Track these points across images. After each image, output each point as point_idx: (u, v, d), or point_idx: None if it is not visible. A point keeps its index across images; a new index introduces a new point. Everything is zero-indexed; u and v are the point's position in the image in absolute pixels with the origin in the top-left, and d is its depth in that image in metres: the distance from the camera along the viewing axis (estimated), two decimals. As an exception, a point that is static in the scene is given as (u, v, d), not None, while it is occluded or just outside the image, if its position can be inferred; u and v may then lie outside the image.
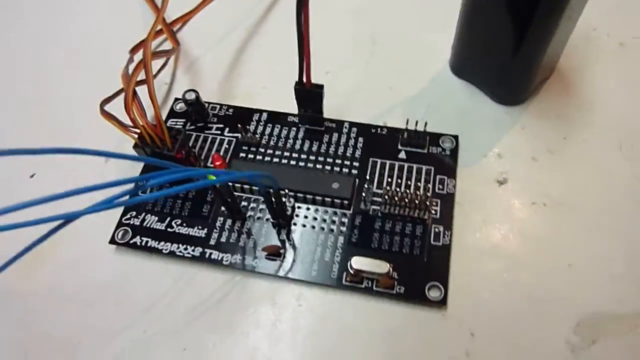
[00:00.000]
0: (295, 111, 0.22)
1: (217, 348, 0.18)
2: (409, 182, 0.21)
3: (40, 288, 0.20)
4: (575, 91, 0.24)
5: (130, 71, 0.20)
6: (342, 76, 0.25)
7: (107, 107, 0.21)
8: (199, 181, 0.16)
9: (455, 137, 0.22)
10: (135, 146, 0.20)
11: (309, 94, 0.21)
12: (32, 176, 0.23)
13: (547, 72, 0.23)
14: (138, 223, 0.21)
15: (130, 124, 0.20)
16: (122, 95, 0.20)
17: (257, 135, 0.23)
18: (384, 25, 0.27)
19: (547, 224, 0.20)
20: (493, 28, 0.21)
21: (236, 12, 0.28)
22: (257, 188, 0.20)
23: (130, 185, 0.16)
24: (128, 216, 0.21)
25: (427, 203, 0.20)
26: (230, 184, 0.20)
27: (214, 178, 0.15)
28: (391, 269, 0.19)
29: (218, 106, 0.24)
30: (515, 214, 0.21)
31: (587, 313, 0.18)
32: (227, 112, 0.24)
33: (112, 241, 0.20)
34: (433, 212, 0.20)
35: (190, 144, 0.23)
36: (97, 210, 0.14)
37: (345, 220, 0.20)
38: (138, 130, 0.20)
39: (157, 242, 0.20)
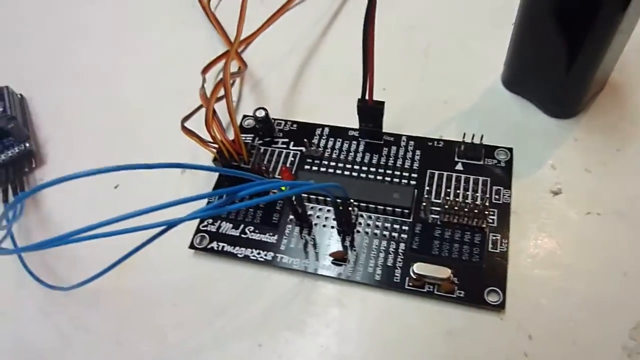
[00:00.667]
0: (355, 125, 0.24)
1: (290, 345, 0.20)
2: (466, 193, 0.22)
3: (132, 288, 0.23)
4: (628, 104, 0.25)
5: (207, 91, 0.22)
6: (398, 92, 0.26)
7: (186, 124, 0.23)
8: (282, 192, 0.18)
9: (510, 150, 0.23)
10: (214, 160, 0.22)
11: (371, 110, 0.23)
12: (116, 187, 0.26)
13: (599, 85, 0.24)
14: (214, 229, 0.23)
15: (210, 139, 0.22)
16: (200, 112, 0.22)
17: (320, 149, 0.24)
18: (436, 40, 0.29)
19: (601, 233, 0.21)
20: (546, 43, 0.22)
21: (296, 32, 0.30)
22: (327, 197, 0.22)
23: (218, 196, 0.18)
24: (205, 223, 0.23)
25: (485, 212, 0.21)
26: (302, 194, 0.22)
27: (292, 189, 0.17)
28: (452, 275, 0.20)
29: (283, 122, 0.26)
30: (569, 224, 0.21)
31: (644, 319, 0.19)
32: (291, 127, 0.26)
33: (192, 246, 0.23)
34: (490, 220, 0.21)
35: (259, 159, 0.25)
36: (196, 217, 0.16)
37: (405, 228, 0.22)
38: (216, 145, 0.22)
39: (232, 247, 0.22)
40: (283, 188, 0.18)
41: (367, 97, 0.22)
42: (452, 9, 0.30)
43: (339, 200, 0.20)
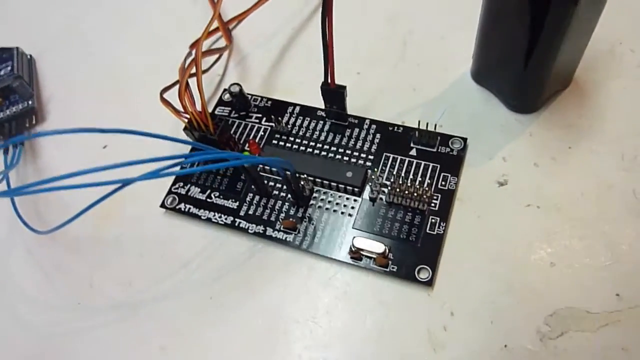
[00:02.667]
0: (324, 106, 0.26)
1: (237, 301, 0.22)
2: (415, 177, 0.24)
3: (107, 237, 0.25)
4: (590, 104, 0.25)
5: (186, 65, 0.24)
6: (371, 76, 0.28)
7: (166, 95, 0.25)
8: (230, 161, 0.20)
9: (464, 139, 0.24)
10: (185, 129, 0.24)
11: (334, 94, 0.24)
12: (104, 147, 0.28)
13: (561, 83, 0.25)
14: (184, 192, 0.25)
15: (182, 110, 0.24)
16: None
17: (288, 126, 0.26)
18: (417, 29, 0.30)
19: (537, 224, 0.22)
20: (506, 38, 0.23)
21: (285, 13, 0.32)
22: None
23: (176, 161, 0.20)
24: (176, 186, 0.25)
25: (429, 197, 0.22)
26: (259, 166, 0.24)
27: (238, 160, 0.19)
28: (387, 250, 0.22)
29: (259, 98, 0.28)
30: (508, 213, 0.23)
31: (561, 308, 0.20)
32: (266, 104, 0.27)
33: (162, 205, 0.25)
34: (432, 205, 0.23)
35: (232, 131, 0.27)
36: (147, 179, 0.18)
37: (355, 205, 0.23)
38: (188, 116, 0.24)
39: (197, 209, 0.25)
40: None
41: (329, 81, 0.24)
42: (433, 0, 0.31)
43: (288, 174, 0.22)
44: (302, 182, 0.23)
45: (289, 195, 0.24)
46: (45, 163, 0.28)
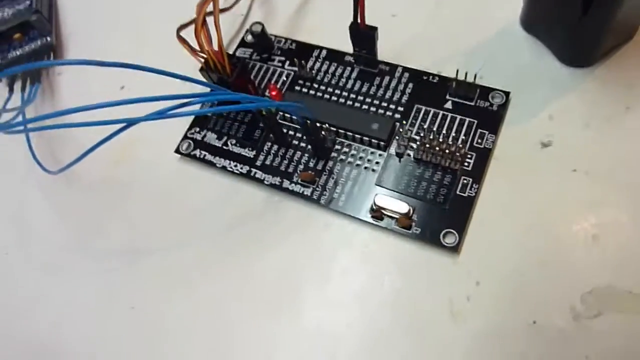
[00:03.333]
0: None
1: (249, 252, 0.21)
2: (448, 132, 0.22)
3: (120, 180, 0.24)
4: (655, 60, 0.22)
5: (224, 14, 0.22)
6: (408, 20, 0.25)
7: (183, 33, 0.23)
8: (242, 104, 0.18)
9: (507, 94, 0.22)
10: (201, 69, 0.23)
11: (364, 35, 0.22)
12: (122, 88, 0.27)
13: (622, 36, 0.22)
14: (200, 138, 0.24)
15: (199, 49, 0.22)
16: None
17: (313, 72, 0.24)
18: None
19: (582, 192, 0.20)
20: None
21: None
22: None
23: (183, 101, 0.18)
24: (192, 131, 0.24)
25: (462, 155, 0.20)
26: (278, 113, 0.23)
27: (252, 103, 0.18)
28: (411, 211, 0.20)
29: (283, 40, 0.26)
30: (550, 178, 0.20)
31: (600, 286, 0.18)
32: (290, 47, 0.25)
33: (177, 151, 0.24)
34: (465, 164, 0.21)
35: (253, 74, 0.25)
36: (153, 119, 0.17)
37: (379, 160, 0.22)
38: (205, 56, 0.22)
39: (212, 157, 0.23)
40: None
41: (358, 21, 0.21)
42: None
43: (308, 122, 0.20)
44: (323, 132, 0.21)
45: (309, 146, 0.22)
46: (62, 102, 0.28)
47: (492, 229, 0.20)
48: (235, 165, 0.23)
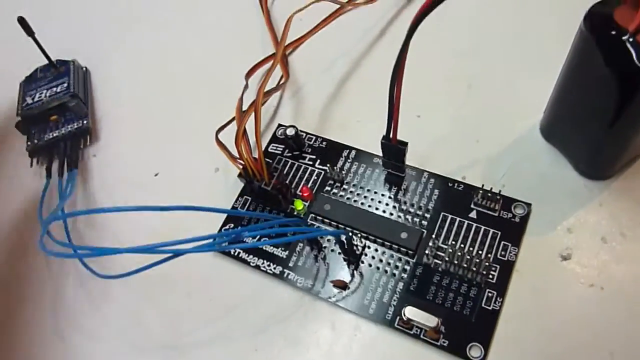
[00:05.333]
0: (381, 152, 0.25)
1: (282, 354, 0.23)
2: (473, 243, 0.23)
3: (155, 271, 0.26)
4: (669, 175, 0.24)
5: (243, 107, 0.24)
6: (433, 121, 0.27)
7: (222, 133, 0.25)
8: (289, 237, 0.20)
9: (528, 205, 0.24)
10: (239, 175, 0.24)
11: (394, 149, 0.23)
12: (156, 175, 0.28)
13: (638, 150, 0.24)
14: (234, 235, 0.25)
15: (238, 156, 0.24)
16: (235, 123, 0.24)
17: (342, 172, 0.26)
18: (483, 71, 0.28)
19: (598, 308, 0.21)
20: (587, 101, 0.21)
21: (342, 44, 0.31)
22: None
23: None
24: (227, 227, 0.25)
25: (486, 268, 0.22)
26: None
27: (302, 234, 0.19)
28: (439, 323, 0.21)
29: (314, 137, 0.27)
30: (570, 292, 0.22)
31: (618, 402, 0.20)
32: (320, 145, 0.27)
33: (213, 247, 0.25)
34: (490, 277, 0.22)
35: (285, 171, 0.26)
36: (202, 251, 0.18)
37: (407, 268, 0.23)
38: (243, 162, 0.24)
39: (247, 255, 0.25)
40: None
41: (391, 136, 0.23)
42: (504, 40, 0.29)
43: (344, 240, 0.21)
44: (355, 242, 0.23)
45: (340, 252, 0.24)
46: (96, 187, 0.29)
47: (516, 342, 0.21)
48: (269, 265, 0.24)
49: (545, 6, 0.30)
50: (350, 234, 0.22)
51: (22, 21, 0.29)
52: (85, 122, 0.30)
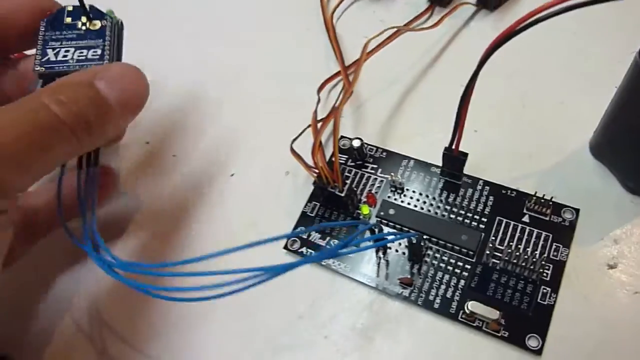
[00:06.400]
0: (438, 162, 0.28)
1: (349, 342, 0.25)
2: (527, 244, 0.26)
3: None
4: None
5: (318, 123, 0.27)
6: (488, 136, 0.30)
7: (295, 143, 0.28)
8: (377, 242, 0.23)
9: (577, 210, 0.26)
10: (314, 183, 0.27)
11: (455, 159, 0.26)
12: (232, 175, 0.31)
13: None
14: (305, 237, 0.28)
15: (313, 165, 0.26)
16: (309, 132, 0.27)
17: (403, 180, 0.28)
18: (536, 90, 0.31)
19: (640, 315, 0.24)
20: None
21: (405, 59, 0.34)
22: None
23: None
24: (299, 229, 0.28)
25: (540, 266, 0.25)
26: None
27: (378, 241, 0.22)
28: (500, 316, 0.24)
29: (375, 148, 0.30)
30: (616, 298, 0.24)
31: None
32: (381, 155, 0.30)
33: (285, 247, 0.28)
34: (544, 275, 0.25)
35: (350, 179, 0.29)
36: (310, 262, 0.21)
37: (468, 267, 0.26)
38: (317, 171, 0.26)
39: (317, 254, 0.27)
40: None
41: (453, 148, 0.26)
42: (557, 60, 0.32)
43: (414, 242, 0.24)
44: (423, 249, 0.25)
45: (405, 250, 0.26)
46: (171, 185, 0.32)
47: (568, 337, 0.24)
48: (339, 264, 0.27)
49: (601, 32, 0.32)
50: (418, 236, 0.24)
51: None
52: None
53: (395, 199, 0.28)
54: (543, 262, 0.25)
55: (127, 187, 0.32)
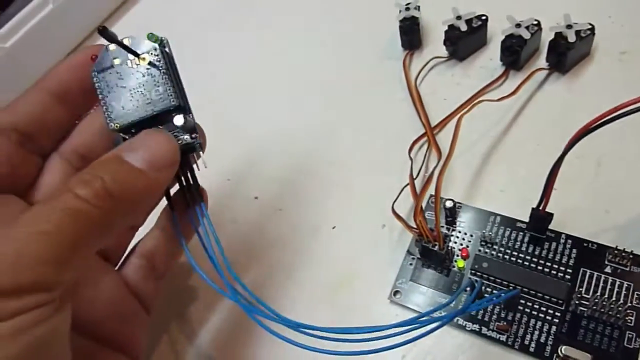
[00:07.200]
0: (523, 218, 0.32)
1: (458, 385, 0.29)
2: (611, 293, 0.29)
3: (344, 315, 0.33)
4: None
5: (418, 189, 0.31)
6: (567, 193, 0.33)
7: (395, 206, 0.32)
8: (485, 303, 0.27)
9: (656, 262, 0.30)
10: (415, 241, 0.31)
11: (541, 218, 0.30)
12: (333, 228, 0.36)
13: None
14: (407, 288, 0.32)
15: (415, 226, 0.31)
16: (406, 192, 0.31)
17: (491, 235, 0.32)
18: (610, 150, 0.34)
19: None
20: None
21: (485, 121, 0.38)
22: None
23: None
24: (400, 281, 0.33)
25: (625, 314, 0.28)
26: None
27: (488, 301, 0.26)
28: (591, 359, 0.28)
29: (463, 206, 0.34)
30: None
31: None
32: (468, 212, 0.34)
33: (390, 297, 0.32)
34: (628, 321, 0.28)
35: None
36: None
37: (558, 314, 0.29)
38: (418, 230, 0.31)
39: (417, 306, 0.32)
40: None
41: (541, 207, 0.29)
42: (631, 122, 0.35)
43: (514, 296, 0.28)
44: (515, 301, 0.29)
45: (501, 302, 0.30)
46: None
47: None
48: (440, 312, 0.31)
49: None
50: (518, 292, 0.28)
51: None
52: (196, 139, 0.26)
53: (485, 253, 0.32)
54: (627, 310, 0.28)
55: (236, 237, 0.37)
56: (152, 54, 0.25)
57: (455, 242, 0.33)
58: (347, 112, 0.42)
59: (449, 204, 0.33)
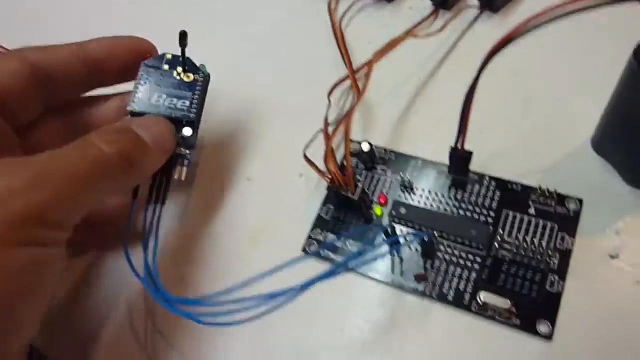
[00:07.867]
0: (446, 161, 0.30)
1: (365, 334, 0.27)
2: (534, 235, 0.27)
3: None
4: None
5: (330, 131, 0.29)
6: (493, 136, 0.31)
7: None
8: (395, 247, 0.25)
9: (580, 200, 0.28)
10: (328, 187, 0.29)
11: (461, 158, 0.28)
12: (248, 179, 0.33)
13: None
14: (322, 239, 0.30)
15: (327, 172, 0.28)
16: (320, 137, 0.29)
17: (412, 180, 0.30)
18: (538, 90, 0.33)
19: (640, 303, 0.26)
20: (636, 122, 0.25)
21: (411, 63, 0.35)
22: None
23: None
24: (315, 232, 0.30)
25: (548, 255, 0.26)
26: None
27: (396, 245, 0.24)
28: (512, 306, 0.26)
29: (384, 151, 0.32)
30: (618, 287, 0.26)
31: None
32: (390, 157, 0.32)
33: (304, 249, 0.30)
34: (552, 264, 0.27)
35: (361, 182, 0.31)
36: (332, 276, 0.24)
37: (478, 260, 0.27)
38: (330, 176, 0.28)
39: (333, 254, 0.29)
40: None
41: (459, 147, 0.27)
42: (560, 60, 0.34)
43: (425, 239, 0.26)
44: (433, 241, 0.27)
45: (419, 247, 0.28)
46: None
47: (575, 325, 0.25)
48: (355, 264, 0.29)
49: (602, 31, 0.34)
50: (430, 234, 0.26)
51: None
52: (189, 155, 0.29)
53: (406, 199, 0.30)
54: (550, 252, 0.26)
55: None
56: (198, 77, 0.30)
57: (375, 188, 0.31)
58: (267, 57, 0.39)
59: (365, 147, 0.30)
